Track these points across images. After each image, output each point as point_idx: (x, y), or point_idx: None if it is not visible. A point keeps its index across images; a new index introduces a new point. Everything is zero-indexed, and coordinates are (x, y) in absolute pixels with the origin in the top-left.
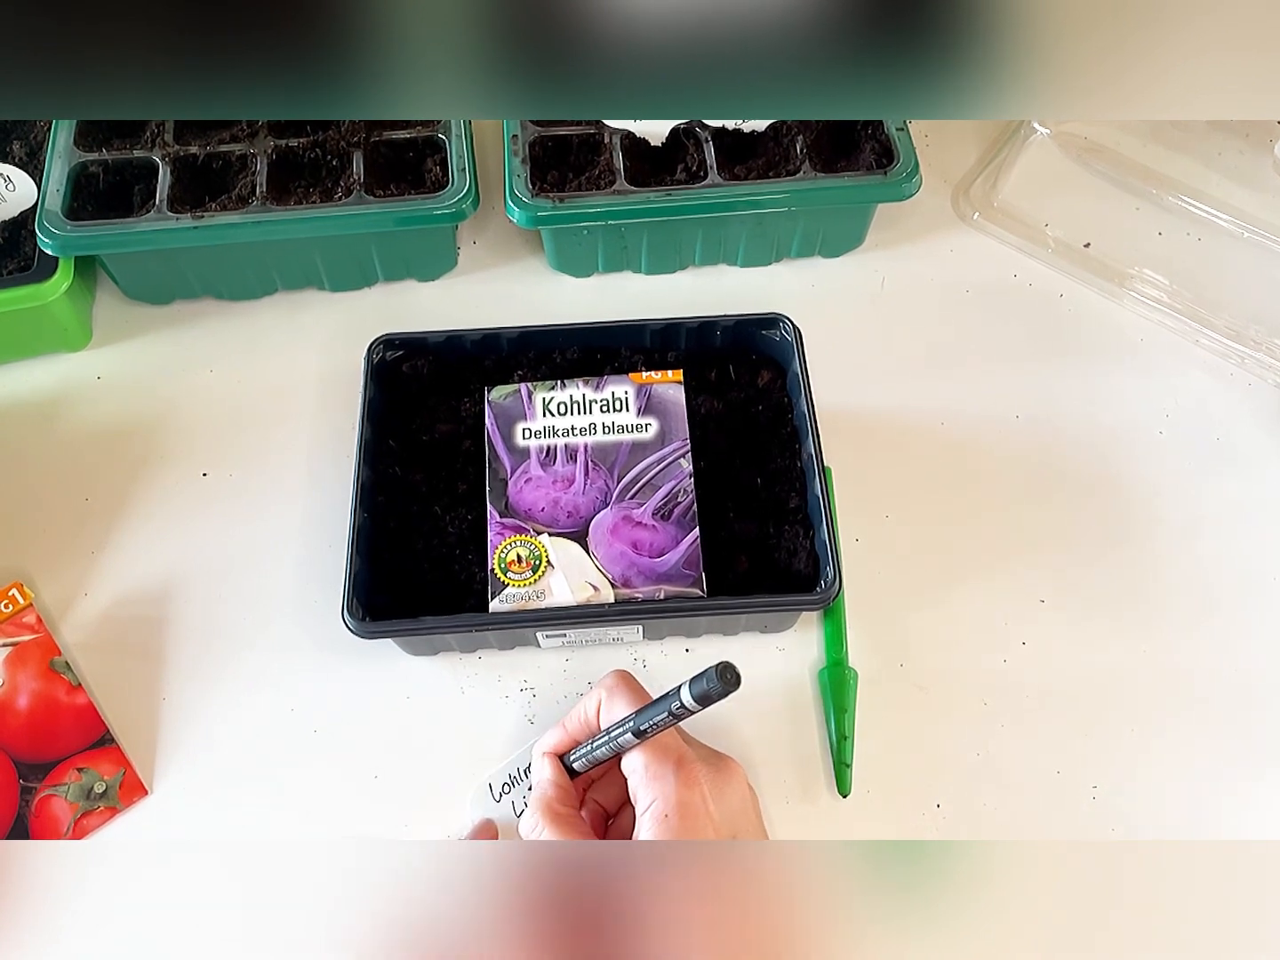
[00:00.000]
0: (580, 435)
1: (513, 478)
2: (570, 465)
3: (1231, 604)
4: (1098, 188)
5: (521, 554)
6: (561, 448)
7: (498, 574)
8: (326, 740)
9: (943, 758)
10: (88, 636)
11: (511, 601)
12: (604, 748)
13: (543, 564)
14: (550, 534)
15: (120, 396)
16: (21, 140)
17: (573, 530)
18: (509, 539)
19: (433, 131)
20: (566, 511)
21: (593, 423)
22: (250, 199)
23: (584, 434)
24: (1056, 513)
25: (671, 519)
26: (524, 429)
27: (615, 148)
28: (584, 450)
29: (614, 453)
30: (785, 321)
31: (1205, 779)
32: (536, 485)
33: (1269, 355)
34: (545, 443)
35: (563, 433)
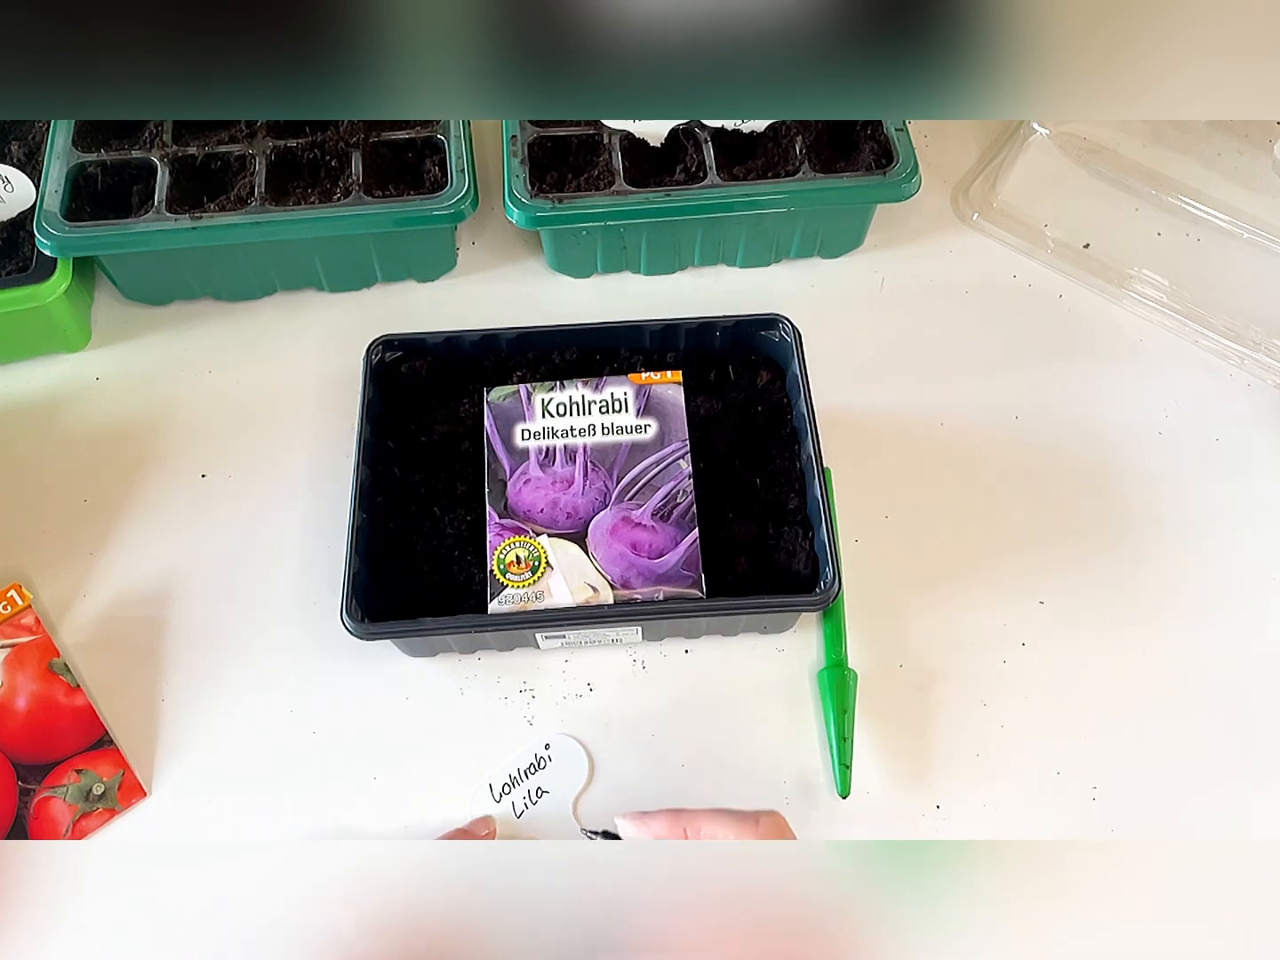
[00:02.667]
0: (579, 436)
1: (512, 479)
2: (569, 466)
3: (1231, 604)
4: (1097, 188)
5: (520, 555)
6: (561, 449)
7: (497, 575)
8: (326, 741)
9: (943, 758)
10: (86, 638)
11: (510, 603)
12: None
13: (542, 565)
14: (549, 535)
15: (119, 397)
16: (20, 141)
17: (572, 531)
18: (508, 540)
19: (432, 132)
20: (565, 512)
21: (592, 424)
22: (249, 200)
23: (583, 435)
24: (1056, 513)
25: (671, 520)
26: (523, 430)
27: (614, 148)
28: (583, 451)
29: (613, 454)
30: (784, 322)
31: (1205, 779)
32: (536, 486)
33: (1269, 355)
34: (544, 444)
35: (562, 434)
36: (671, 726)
